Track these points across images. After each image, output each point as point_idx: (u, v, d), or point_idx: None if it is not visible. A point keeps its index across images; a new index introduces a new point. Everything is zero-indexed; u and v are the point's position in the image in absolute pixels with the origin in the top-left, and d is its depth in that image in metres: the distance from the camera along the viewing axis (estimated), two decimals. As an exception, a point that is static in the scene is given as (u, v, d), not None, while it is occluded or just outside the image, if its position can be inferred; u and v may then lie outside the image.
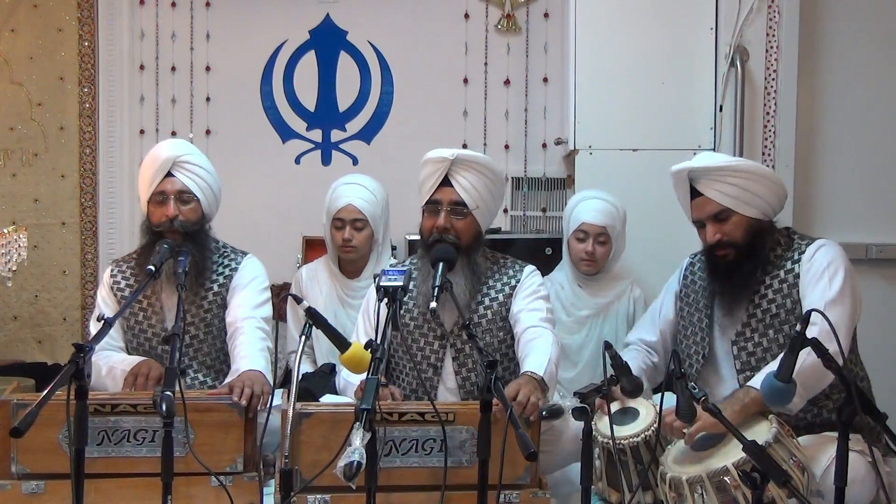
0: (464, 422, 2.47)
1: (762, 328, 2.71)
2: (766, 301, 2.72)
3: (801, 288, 2.66)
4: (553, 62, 4.36)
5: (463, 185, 2.91)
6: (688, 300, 2.92)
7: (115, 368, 2.95)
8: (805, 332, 2.07)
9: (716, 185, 2.68)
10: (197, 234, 3.03)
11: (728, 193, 2.67)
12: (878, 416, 2.13)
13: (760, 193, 2.69)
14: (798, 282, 2.68)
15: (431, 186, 2.93)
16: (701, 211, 2.73)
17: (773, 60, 3.77)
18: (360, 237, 3.42)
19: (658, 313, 3.03)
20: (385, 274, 2.36)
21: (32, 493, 2.52)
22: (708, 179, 2.69)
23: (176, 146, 3.07)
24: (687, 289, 2.94)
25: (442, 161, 2.90)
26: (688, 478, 2.34)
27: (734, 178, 2.67)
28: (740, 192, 2.67)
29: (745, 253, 2.71)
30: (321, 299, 3.47)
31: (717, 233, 2.70)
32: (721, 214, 2.70)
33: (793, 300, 2.67)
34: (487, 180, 2.94)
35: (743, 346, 2.74)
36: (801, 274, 2.67)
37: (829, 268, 2.63)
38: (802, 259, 2.70)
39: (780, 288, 2.70)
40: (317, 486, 2.35)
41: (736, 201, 2.68)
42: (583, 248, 3.45)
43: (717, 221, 2.70)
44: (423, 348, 2.96)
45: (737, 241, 2.70)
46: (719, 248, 2.72)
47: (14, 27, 4.43)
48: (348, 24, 4.47)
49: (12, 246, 3.79)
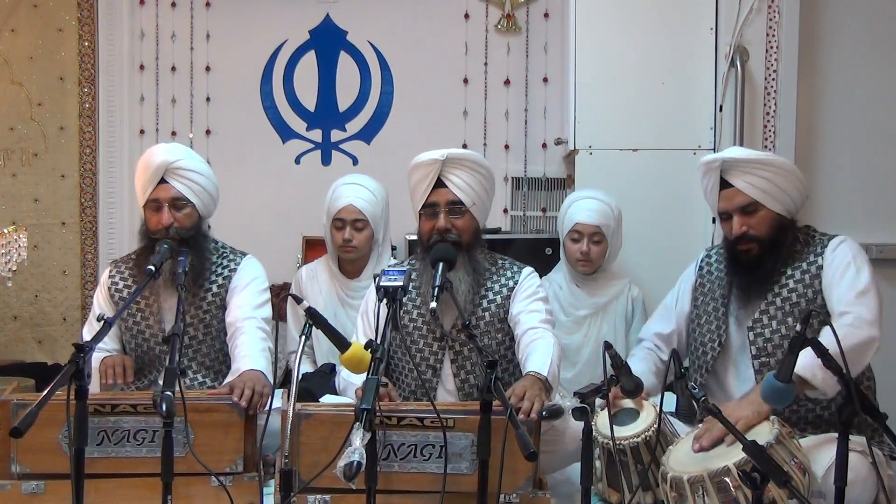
0: (463, 428, 2.44)
1: (781, 316, 2.73)
2: (787, 290, 2.74)
3: (825, 279, 2.70)
4: (553, 62, 4.36)
5: (457, 183, 2.91)
6: (703, 290, 2.94)
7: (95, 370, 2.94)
8: (805, 332, 2.07)
9: (747, 178, 2.72)
10: (194, 238, 3.03)
11: (758, 186, 2.72)
12: (879, 416, 2.13)
13: (788, 190, 2.74)
14: (820, 273, 2.71)
15: (425, 190, 2.93)
16: (730, 202, 2.76)
17: (773, 60, 3.77)
18: (361, 237, 3.42)
19: (674, 306, 3.04)
20: (385, 274, 2.36)
21: (32, 493, 2.52)
22: (740, 171, 2.73)
23: (168, 151, 3.04)
24: (703, 279, 2.96)
25: (433, 163, 2.90)
26: (689, 477, 2.34)
27: (766, 171, 2.72)
28: (770, 187, 2.72)
29: (768, 249, 2.75)
30: (321, 299, 3.47)
31: (744, 225, 2.74)
32: (749, 207, 2.73)
33: (814, 290, 2.71)
34: (480, 176, 2.95)
35: (760, 333, 2.75)
36: (825, 265, 2.71)
37: (854, 260, 2.68)
38: (826, 251, 2.74)
39: (802, 279, 2.73)
40: (317, 486, 2.35)
41: (765, 195, 2.72)
42: (578, 248, 3.46)
43: (745, 214, 2.74)
44: (422, 349, 2.96)
45: (761, 235, 2.74)
46: (743, 242, 2.75)
47: (14, 27, 4.44)
48: (348, 24, 4.47)
49: (12, 246, 3.79)
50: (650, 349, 3.02)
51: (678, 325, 3.01)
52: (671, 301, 3.06)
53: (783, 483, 1.87)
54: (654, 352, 3.01)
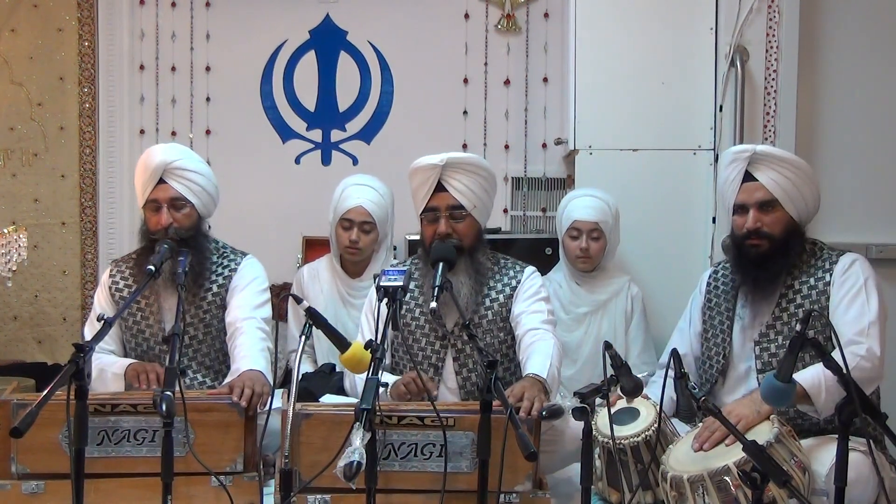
0: (464, 427, 2.44)
1: (787, 331, 2.72)
2: (794, 306, 2.74)
3: (833, 297, 2.69)
4: (553, 62, 4.36)
5: (457, 188, 2.91)
6: (710, 305, 2.94)
7: (105, 371, 2.94)
8: (805, 333, 2.07)
9: (773, 174, 2.73)
10: (194, 238, 3.03)
11: (781, 185, 2.72)
12: (879, 416, 2.13)
13: (806, 196, 2.76)
14: (828, 289, 2.70)
15: (426, 194, 2.93)
16: (750, 195, 2.75)
17: (773, 60, 3.77)
18: (367, 239, 3.42)
19: (688, 328, 3.02)
20: (385, 274, 2.36)
21: (32, 493, 2.52)
22: (767, 166, 2.73)
23: (166, 152, 3.04)
24: (710, 295, 2.95)
25: (433, 168, 2.90)
26: (689, 477, 2.34)
27: (792, 172, 2.73)
28: (792, 188, 2.73)
29: (778, 248, 2.74)
30: (322, 298, 3.47)
31: (759, 221, 2.74)
32: (768, 204, 2.73)
33: (821, 306, 2.69)
34: (480, 178, 2.95)
35: (766, 347, 2.75)
36: (834, 283, 2.70)
37: (866, 285, 2.66)
38: (835, 269, 2.72)
39: (809, 294, 2.73)
40: (317, 486, 2.35)
41: (785, 195, 2.73)
42: (577, 245, 3.46)
43: (761, 210, 2.74)
44: (424, 348, 2.96)
45: (774, 234, 2.74)
46: (754, 237, 2.75)
47: (14, 27, 4.43)
48: (348, 24, 4.47)
49: (12, 246, 3.79)
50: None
51: (692, 347, 3.00)
52: (685, 324, 3.05)
53: (783, 483, 1.87)
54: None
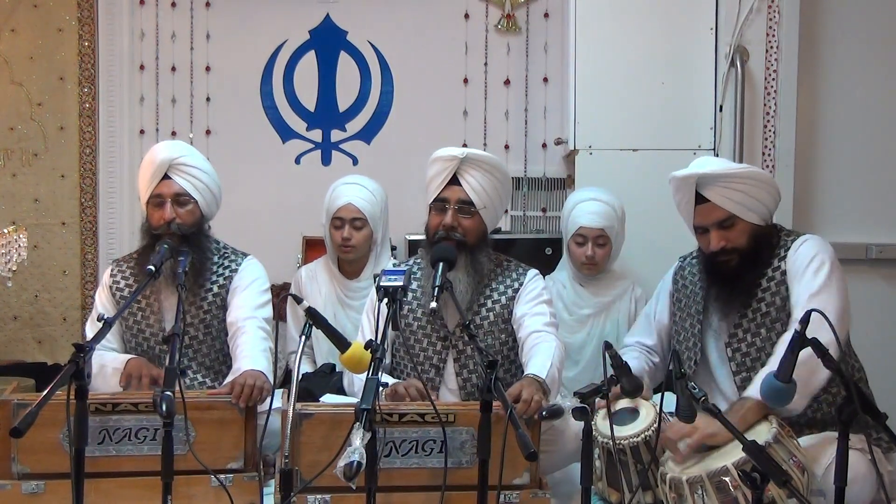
0: (464, 423, 2.46)
1: (754, 328, 2.71)
2: (756, 301, 2.71)
3: (789, 283, 2.67)
4: (553, 62, 4.36)
5: (471, 184, 2.91)
6: (680, 305, 2.91)
7: (105, 367, 2.95)
8: (805, 332, 2.07)
9: (723, 192, 2.66)
10: (195, 236, 3.03)
11: (735, 200, 2.66)
12: (878, 415, 2.13)
13: (763, 199, 2.70)
14: (785, 278, 2.68)
15: (440, 185, 2.93)
16: (706, 217, 2.70)
17: (773, 60, 3.77)
18: (359, 237, 3.42)
19: (653, 317, 3.02)
20: (385, 274, 2.36)
21: (32, 493, 2.51)
22: (716, 186, 2.66)
23: (172, 148, 3.06)
24: (678, 293, 2.93)
25: (451, 159, 2.90)
26: (688, 478, 2.34)
27: (741, 184, 2.66)
28: (746, 199, 2.67)
29: (748, 258, 2.70)
30: (320, 299, 3.48)
31: (722, 240, 2.68)
32: (727, 221, 2.68)
33: (782, 297, 2.67)
34: (496, 180, 2.94)
35: (737, 348, 2.73)
36: (788, 270, 2.68)
37: (813, 261, 2.64)
38: (788, 255, 2.70)
39: (769, 286, 2.70)
40: (317, 486, 2.35)
41: (742, 208, 2.67)
42: (583, 251, 3.45)
43: (722, 228, 2.69)
44: (425, 348, 2.96)
45: (741, 247, 2.69)
46: (722, 255, 2.71)
47: (14, 27, 4.43)
48: (348, 24, 4.47)
49: (12, 246, 3.79)
50: (641, 351, 3.00)
51: (659, 337, 2.99)
52: (651, 311, 3.04)
53: (782, 483, 1.87)
54: (645, 354, 2.99)
